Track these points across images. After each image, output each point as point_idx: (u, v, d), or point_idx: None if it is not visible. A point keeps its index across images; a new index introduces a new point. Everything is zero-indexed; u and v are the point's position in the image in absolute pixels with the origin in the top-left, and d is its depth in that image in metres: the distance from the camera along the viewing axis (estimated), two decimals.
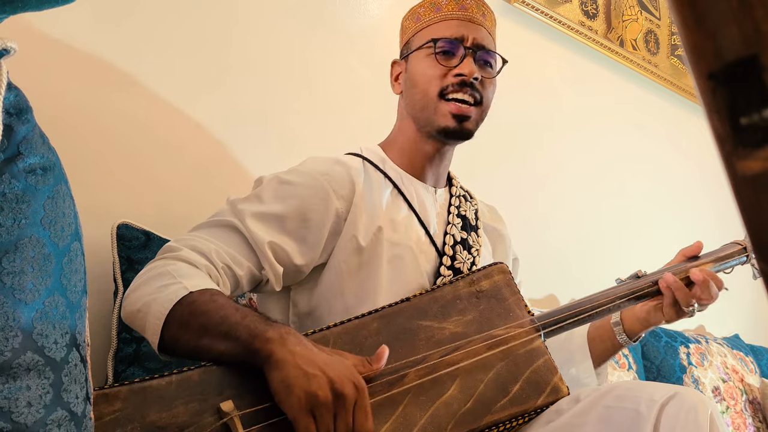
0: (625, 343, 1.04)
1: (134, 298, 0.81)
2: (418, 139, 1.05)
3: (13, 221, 0.48)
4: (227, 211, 0.93)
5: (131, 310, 0.80)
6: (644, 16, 2.31)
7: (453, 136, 1.02)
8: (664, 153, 2.39)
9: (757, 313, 2.60)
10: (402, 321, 0.86)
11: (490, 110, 1.07)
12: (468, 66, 1.00)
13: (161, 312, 0.76)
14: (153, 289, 0.79)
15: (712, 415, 0.73)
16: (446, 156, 1.09)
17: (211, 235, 0.90)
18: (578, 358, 1.06)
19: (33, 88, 0.62)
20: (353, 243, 0.95)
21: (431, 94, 1.01)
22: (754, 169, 0.22)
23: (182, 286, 0.77)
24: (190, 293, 0.77)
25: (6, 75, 0.49)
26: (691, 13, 0.22)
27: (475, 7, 1.05)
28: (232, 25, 1.34)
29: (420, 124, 1.04)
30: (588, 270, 1.92)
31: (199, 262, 0.84)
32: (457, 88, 1.00)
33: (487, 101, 1.04)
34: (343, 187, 0.97)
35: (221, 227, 0.91)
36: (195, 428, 0.68)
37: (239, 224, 0.90)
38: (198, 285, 0.78)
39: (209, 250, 0.86)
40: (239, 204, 0.93)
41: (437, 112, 1.01)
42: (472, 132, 1.04)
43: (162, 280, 0.80)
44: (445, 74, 1.01)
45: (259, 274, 0.91)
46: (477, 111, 1.02)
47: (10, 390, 0.45)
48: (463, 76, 0.99)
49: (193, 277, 0.80)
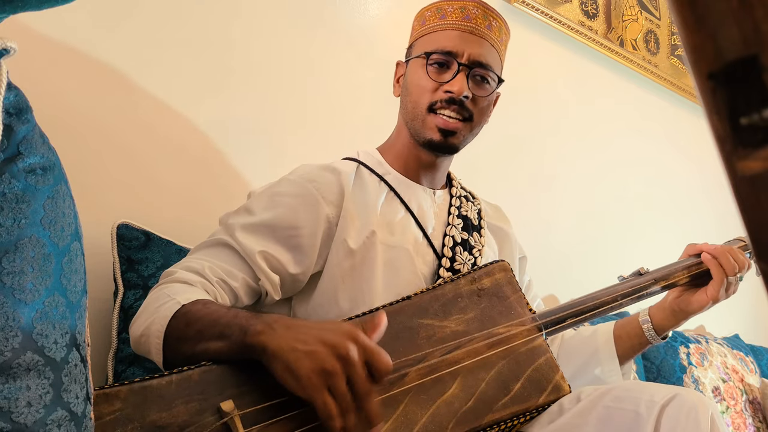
0: (653, 340, 1.04)
1: (137, 325, 0.83)
2: (413, 146, 1.05)
3: (13, 221, 0.48)
4: (219, 230, 0.95)
5: (135, 337, 0.82)
6: (644, 16, 2.31)
7: (437, 149, 1.02)
8: (663, 153, 2.39)
9: (757, 313, 2.60)
10: (403, 319, 0.86)
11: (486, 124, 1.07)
12: (458, 83, 0.98)
13: (159, 330, 0.78)
14: (151, 312, 0.81)
15: (713, 417, 0.72)
16: (442, 165, 1.08)
17: (204, 255, 0.92)
18: (604, 357, 1.04)
19: (33, 88, 0.62)
20: (344, 247, 0.95)
21: (421, 107, 1.01)
22: (754, 169, 0.22)
23: (175, 301, 0.79)
24: (183, 306, 0.78)
25: (6, 75, 0.49)
26: (691, 13, 0.22)
27: (481, 17, 1.01)
28: (233, 25, 1.34)
29: (411, 132, 1.04)
30: (590, 272, 1.92)
31: (193, 280, 0.86)
32: (445, 105, 0.99)
33: (479, 118, 1.03)
34: (331, 192, 0.97)
35: (214, 246, 0.93)
36: (195, 428, 0.67)
37: (229, 239, 0.92)
38: (189, 298, 0.80)
39: (202, 267, 0.88)
40: (229, 219, 0.95)
41: (425, 124, 1.01)
42: (458, 147, 1.03)
43: (158, 302, 0.82)
44: (436, 89, 1.00)
45: (257, 285, 0.92)
46: (465, 126, 1.01)
47: (10, 390, 0.45)
48: (452, 94, 0.98)
49: (186, 292, 0.82)
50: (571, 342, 1.10)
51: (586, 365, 1.05)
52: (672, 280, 1.01)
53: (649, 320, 1.04)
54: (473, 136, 1.05)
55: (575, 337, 1.11)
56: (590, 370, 1.05)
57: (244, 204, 0.98)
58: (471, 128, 1.02)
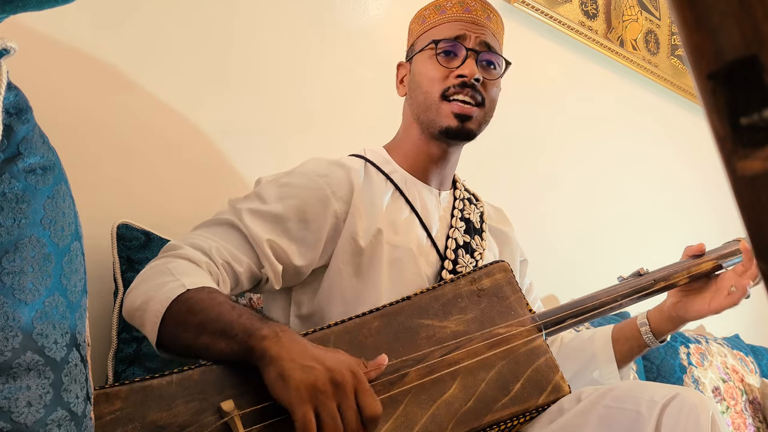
0: (651, 344, 1.04)
1: (134, 295, 0.81)
2: (423, 142, 1.05)
3: (13, 221, 0.48)
4: (227, 210, 0.94)
5: (131, 307, 0.81)
6: (644, 16, 2.31)
7: (455, 136, 1.02)
8: (663, 153, 2.39)
9: (757, 313, 2.60)
10: (403, 320, 0.86)
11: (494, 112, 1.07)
12: (469, 67, 1.00)
13: (159, 310, 0.76)
14: (152, 286, 0.80)
15: (713, 417, 0.72)
16: (452, 158, 1.08)
17: (211, 234, 0.90)
18: (602, 361, 1.05)
19: (33, 88, 0.62)
20: (352, 245, 0.95)
21: (434, 96, 1.01)
22: (754, 169, 0.22)
23: (180, 283, 0.78)
24: (187, 291, 0.77)
25: (6, 75, 0.49)
26: (691, 13, 0.22)
27: (480, 9, 1.04)
28: (233, 25, 1.34)
29: (424, 125, 1.04)
30: (590, 272, 1.92)
31: (199, 259, 0.85)
32: (459, 90, 1.00)
33: (491, 102, 1.04)
34: (341, 188, 0.97)
35: (221, 225, 0.92)
36: (195, 427, 0.67)
37: (238, 222, 0.91)
38: (196, 283, 0.78)
39: (209, 247, 0.87)
40: (238, 203, 0.94)
41: (440, 113, 1.01)
42: (475, 132, 1.03)
43: (161, 277, 0.80)
44: (447, 76, 1.01)
45: (259, 272, 0.92)
46: (479, 111, 1.02)
47: (10, 390, 0.45)
48: (464, 78, 0.99)
49: (192, 274, 0.81)
50: (569, 345, 1.10)
51: (585, 368, 1.05)
52: (672, 281, 1.01)
53: (647, 324, 1.04)
54: (486, 123, 1.05)
55: (574, 340, 1.11)
56: (588, 373, 1.05)
57: (254, 190, 0.97)
58: (484, 114, 1.03)
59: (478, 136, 1.05)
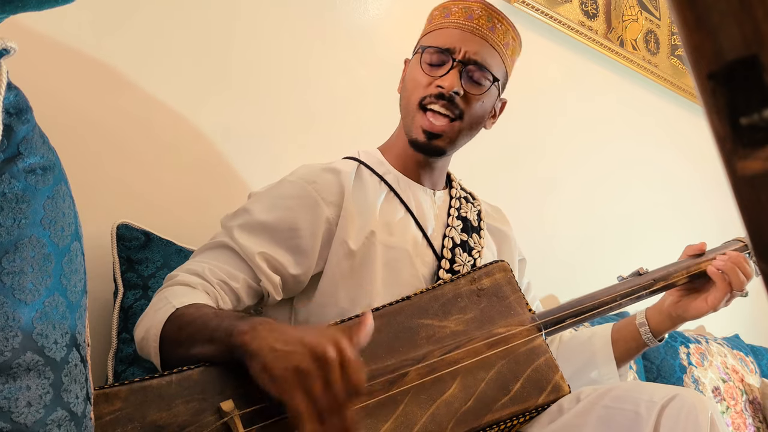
0: (650, 343, 1.04)
1: (139, 329, 0.84)
2: (408, 145, 1.04)
3: (13, 221, 0.48)
4: (220, 232, 0.96)
5: (138, 341, 0.83)
6: (644, 16, 2.31)
7: (422, 151, 1.02)
8: (663, 154, 2.39)
9: (757, 313, 2.60)
10: (402, 319, 0.86)
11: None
12: (449, 79, 0.97)
13: (156, 334, 0.79)
14: (150, 315, 0.82)
15: (713, 417, 0.72)
16: (436, 164, 1.07)
17: (205, 257, 0.92)
18: (601, 360, 1.05)
19: (33, 88, 0.62)
20: (344, 247, 0.95)
21: (413, 102, 1.01)
22: (754, 169, 0.22)
23: (171, 305, 0.80)
24: (177, 309, 0.79)
25: (6, 75, 0.49)
26: (691, 13, 0.22)
27: (484, 18, 1.01)
28: (233, 26, 1.34)
29: (405, 129, 1.04)
30: (589, 275, 1.92)
31: (194, 282, 0.86)
32: (434, 100, 0.98)
33: (471, 117, 1.01)
34: (331, 193, 0.97)
35: (215, 248, 0.93)
36: (195, 427, 0.68)
37: (229, 241, 0.92)
38: (184, 301, 0.80)
39: (203, 269, 0.88)
40: (229, 221, 0.95)
41: (414, 122, 1.01)
42: (444, 150, 1.02)
43: (158, 305, 0.83)
44: (429, 84, 1.00)
45: (258, 286, 0.92)
46: (453, 127, 0.99)
47: (10, 390, 0.45)
48: (442, 89, 0.98)
49: (184, 295, 0.83)
50: (568, 345, 1.10)
51: (584, 368, 1.05)
52: (671, 281, 1.01)
53: (646, 323, 1.04)
54: (465, 138, 1.03)
55: (572, 340, 1.11)
56: (587, 373, 1.05)
57: (243, 205, 0.97)
58: (460, 129, 1.00)
59: (469, 143, 1.05)
